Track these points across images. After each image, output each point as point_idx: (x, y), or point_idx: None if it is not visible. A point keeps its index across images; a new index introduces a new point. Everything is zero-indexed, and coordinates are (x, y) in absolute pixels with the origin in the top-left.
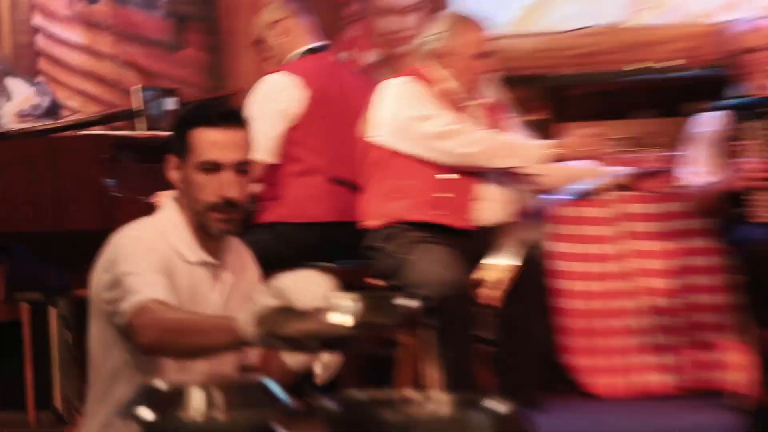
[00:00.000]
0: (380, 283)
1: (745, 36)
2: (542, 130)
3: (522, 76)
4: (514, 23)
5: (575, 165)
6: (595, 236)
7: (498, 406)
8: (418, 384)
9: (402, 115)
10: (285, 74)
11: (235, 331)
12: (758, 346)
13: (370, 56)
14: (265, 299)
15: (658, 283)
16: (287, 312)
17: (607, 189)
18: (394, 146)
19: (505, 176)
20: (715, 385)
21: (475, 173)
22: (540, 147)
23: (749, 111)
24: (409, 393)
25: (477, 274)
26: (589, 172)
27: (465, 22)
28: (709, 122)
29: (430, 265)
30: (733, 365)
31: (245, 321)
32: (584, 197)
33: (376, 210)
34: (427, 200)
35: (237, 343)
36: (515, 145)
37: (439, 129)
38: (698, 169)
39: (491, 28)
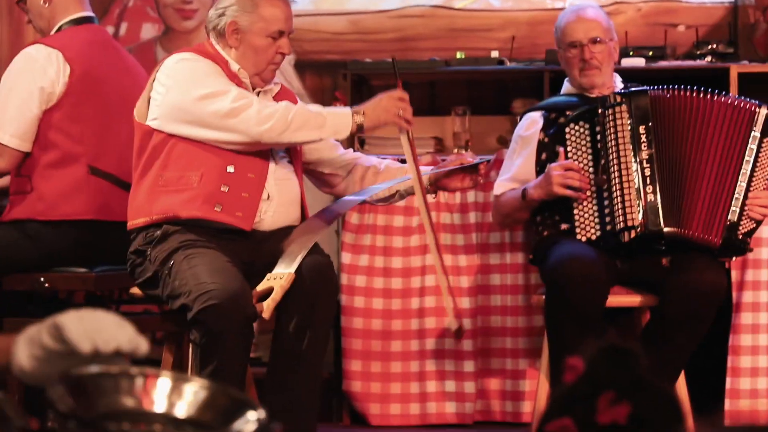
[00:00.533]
0: (140, 293)
1: (568, 28)
2: None
3: (320, 62)
4: (314, 1)
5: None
6: (400, 248)
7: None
8: None
9: (186, 95)
10: (43, 47)
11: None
12: (554, 373)
13: (150, 30)
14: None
15: (449, 302)
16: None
17: (410, 193)
18: (174, 131)
19: (303, 175)
20: (505, 415)
21: (264, 168)
22: (350, 115)
23: (561, 113)
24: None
25: (257, 285)
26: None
27: None
28: (525, 124)
29: (197, 272)
30: (528, 394)
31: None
32: (387, 202)
33: (144, 206)
34: (208, 194)
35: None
36: (323, 114)
37: (231, 105)
38: (508, 175)
39: (290, 3)
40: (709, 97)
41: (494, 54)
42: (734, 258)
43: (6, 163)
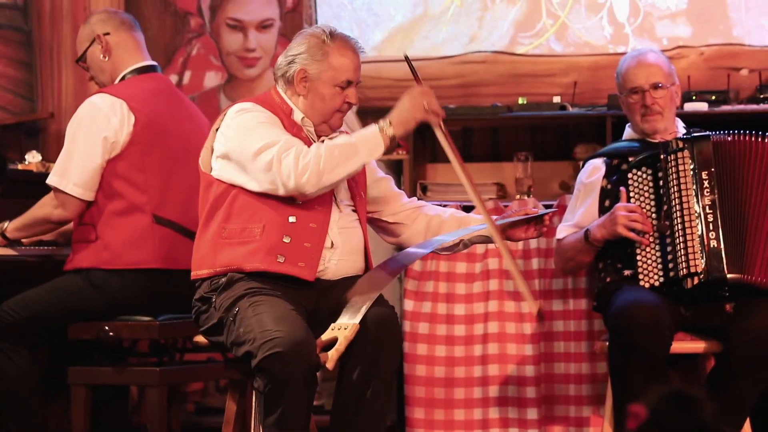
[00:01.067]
0: (204, 341)
1: (629, 73)
2: (402, 171)
3: (382, 109)
4: (377, 47)
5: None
6: (463, 295)
7: None
8: None
9: (241, 147)
10: (107, 96)
11: None
12: (618, 420)
13: (214, 79)
14: None
15: (512, 349)
16: None
17: (474, 242)
18: (235, 182)
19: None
20: None
21: (326, 217)
22: (377, 131)
23: (623, 159)
24: None
25: (322, 334)
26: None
27: (329, 44)
28: (588, 170)
29: (262, 319)
30: None
31: None
32: (452, 251)
33: (208, 258)
34: (270, 246)
35: None
36: (352, 142)
37: (275, 156)
38: (572, 222)
39: (359, 53)
40: (765, 140)
41: (556, 99)
42: None
43: (69, 213)
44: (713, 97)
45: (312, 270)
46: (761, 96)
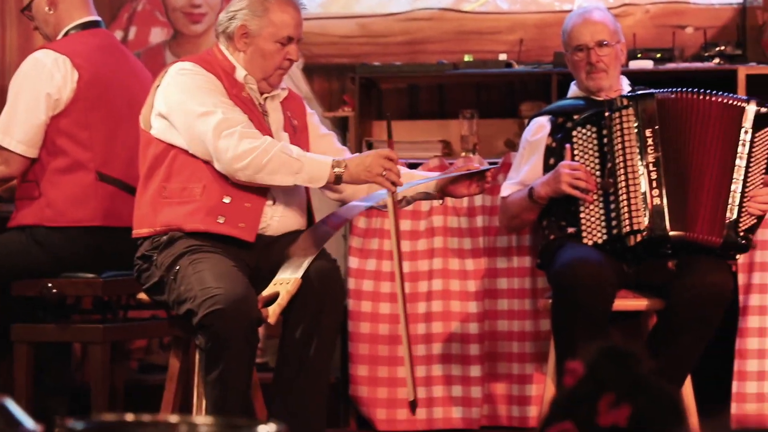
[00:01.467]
0: (147, 299)
1: (574, 31)
2: (348, 128)
3: (328, 66)
4: (323, 3)
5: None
6: (407, 252)
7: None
8: (187, 409)
9: (184, 108)
10: (50, 52)
11: None
12: (561, 377)
13: (159, 35)
14: None
15: (456, 306)
16: None
17: (417, 198)
18: (173, 142)
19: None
20: (512, 420)
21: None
22: (329, 166)
23: (568, 117)
24: (169, 417)
25: (263, 290)
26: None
27: (269, 0)
28: (533, 128)
29: (203, 276)
30: (535, 398)
31: None
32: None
33: (148, 217)
34: (210, 206)
35: None
36: (300, 161)
37: (214, 129)
38: (516, 179)
39: (301, 9)
40: (707, 97)
41: (502, 57)
42: (739, 259)
43: (13, 169)
44: (658, 55)
45: (252, 230)
46: (706, 54)
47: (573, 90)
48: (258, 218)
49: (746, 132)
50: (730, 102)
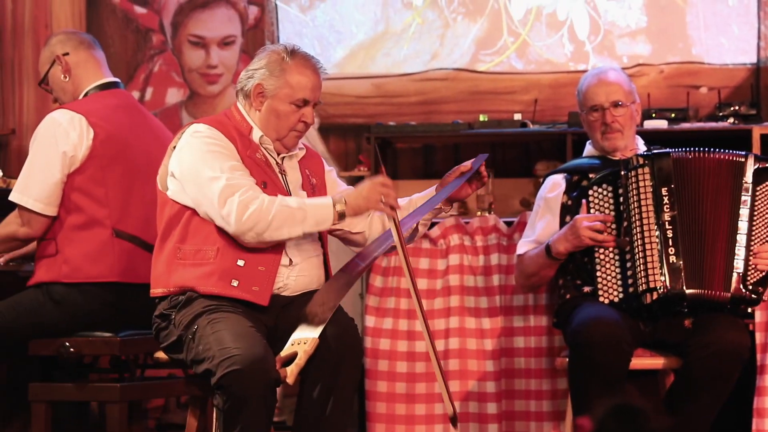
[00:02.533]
0: (165, 357)
1: (590, 91)
2: None
3: (344, 126)
4: (339, 64)
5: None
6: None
7: None
8: None
9: (194, 172)
10: (66, 111)
11: None
12: None
13: (176, 95)
14: None
15: (473, 365)
16: None
17: (429, 219)
18: (187, 204)
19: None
20: None
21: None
22: (330, 206)
23: (584, 175)
24: None
25: (280, 349)
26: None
27: (287, 62)
28: (549, 186)
29: (221, 336)
30: None
31: None
32: (413, 240)
33: (162, 277)
34: (224, 269)
35: None
36: (303, 208)
37: (220, 195)
38: (532, 237)
39: (320, 73)
40: (715, 155)
41: (517, 116)
42: (756, 317)
43: (34, 230)
44: (673, 115)
45: (266, 294)
46: (720, 114)
47: (588, 150)
48: (272, 281)
49: (747, 187)
50: (729, 158)
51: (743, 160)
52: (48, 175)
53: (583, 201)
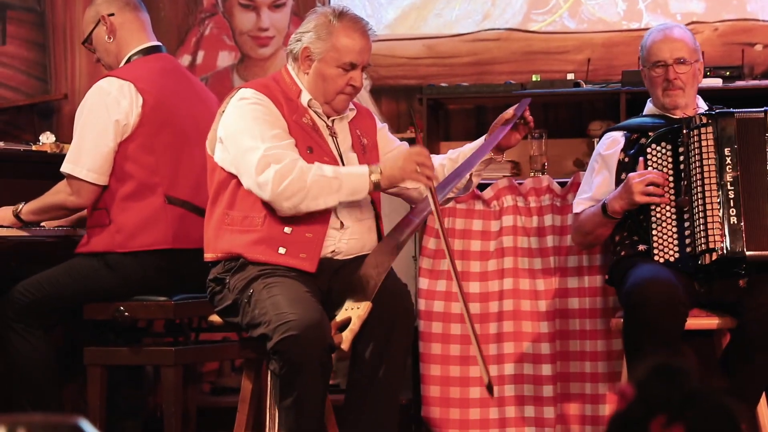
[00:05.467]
0: (219, 321)
1: (654, 47)
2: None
3: (395, 87)
4: (390, 25)
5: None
6: (477, 273)
7: None
8: (259, 431)
9: (236, 140)
10: (114, 79)
11: None
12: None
13: (227, 58)
14: None
15: (527, 327)
16: None
17: (481, 170)
18: (231, 170)
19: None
20: None
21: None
22: (366, 175)
23: (643, 134)
24: None
25: (335, 315)
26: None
27: (334, 24)
28: (607, 143)
29: (277, 301)
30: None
31: None
32: (468, 190)
33: (211, 242)
34: (271, 236)
35: None
36: (338, 177)
37: (257, 166)
38: (588, 194)
39: (369, 36)
40: None
41: (570, 76)
42: None
43: (84, 199)
44: (727, 73)
45: (313, 261)
46: None
47: (649, 107)
48: (320, 248)
49: None
50: None
51: None
52: (101, 144)
53: (641, 159)
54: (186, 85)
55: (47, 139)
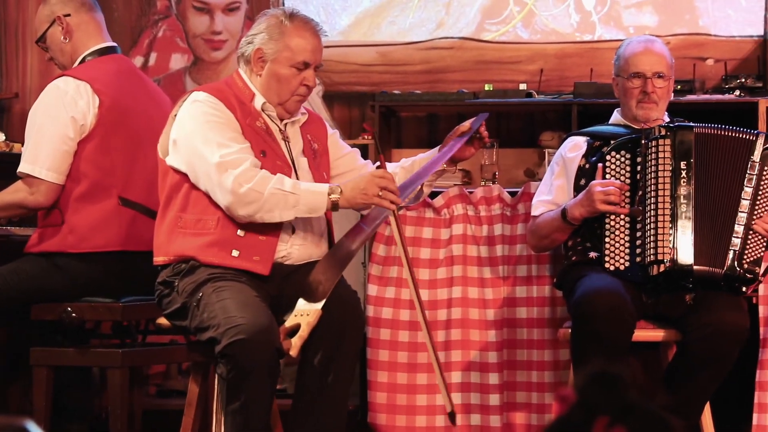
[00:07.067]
0: (167, 324)
1: (635, 58)
2: (368, 156)
3: (348, 93)
4: (344, 32)
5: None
6: (426, 281)
7: None
8: None
9: (190, 144)
10: (70, 79)
11: None
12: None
13: (180, 61)
14: None
15: (475, 335)
16: None
17: (433, 181)
18: (188, 173)
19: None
20: None
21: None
22: (325, 194)
23: (606, 142)
24: None
25: (284, 320)
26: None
27: (286, 24)
28: (569, 146)
29: (226, 305)
30: None
31: None
32: (419, 199)
33: (163, 245)
34: (224, 239)
35: None
36: (296, 194)
37: (215, 171)
38: (548, 197)
39: (320, 35)
40: (730, 132)
41: (522, 86)
42: (757, 293)
43: (45, 198)
44: (679, 87)
45: (267, 264)
46: (726, 86)
47: (615, 117)
48: (273, 251)
49: (753, 165)
50: (745, 136)
51: (754, 138)
52: (59, 143)
53: (599, 165)
54: (140, 87)
55: None
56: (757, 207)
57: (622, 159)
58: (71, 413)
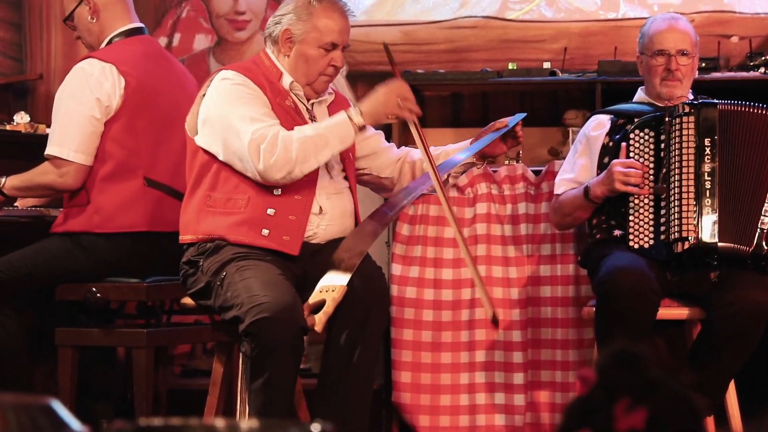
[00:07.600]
0: (192, 303)
1: (658, 35)
2: (391, 135)
3: (372, 73)
4: (368, 11)
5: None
6: (450, 260)
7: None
8: (230, 414)
9: (222, 121)
10: (95, 61)
11: None
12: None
13: (203, 41)
14: None
15: (500, 314)
16: None
17: (460, 171)
18: (217, 153)
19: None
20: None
21: (311, 188)
22: (348, 121)
23: (629, 120)
24: (213, 421)
25: (309, 297)
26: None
27: (314, 5)
28: (593, 125)
29: (249, 284)
30: None
31: None
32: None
33: (191, 224)
34: (254, 218)
35: None
36: (321, 133)
37: (248, 147)
38: (571, 175)
39: (348, 16)
40: (757, 110)
41: (546, 65)
42: None
43: (73, 180)
44: (703, 64)
45: (296, 243)
46: (751, 63)
47: (639, 95)
48: (303, 231)
49: None
50: (767, 113)
51: None
52: (86, 124)
53: (623, 144)
54: (167, 68)
55: (21, 119)
56: None
57: (646, 137)
58: (96, 393)
